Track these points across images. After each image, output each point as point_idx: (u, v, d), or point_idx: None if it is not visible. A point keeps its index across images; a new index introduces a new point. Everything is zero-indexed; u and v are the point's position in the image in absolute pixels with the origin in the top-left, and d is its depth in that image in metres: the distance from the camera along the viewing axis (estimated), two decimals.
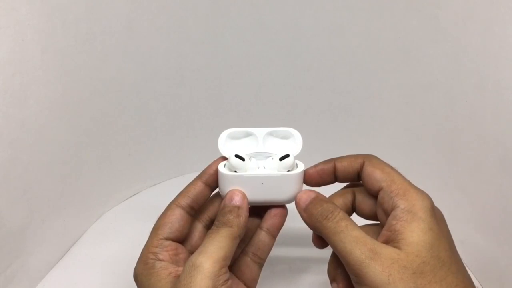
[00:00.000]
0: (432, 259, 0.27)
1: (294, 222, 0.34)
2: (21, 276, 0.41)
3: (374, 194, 0.32)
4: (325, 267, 0.41)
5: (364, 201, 0.33)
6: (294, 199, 0.33)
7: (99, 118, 0.47)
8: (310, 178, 0.34)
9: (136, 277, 0.31)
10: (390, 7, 0.47)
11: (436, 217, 0.29)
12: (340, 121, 0.55)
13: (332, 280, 0.33)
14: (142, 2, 0.46)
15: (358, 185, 0.34)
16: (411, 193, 0.30)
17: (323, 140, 0.52)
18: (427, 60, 0.46)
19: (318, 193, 0.33)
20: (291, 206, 0.34)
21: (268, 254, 0.35)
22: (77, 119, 0.44)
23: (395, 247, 0.28)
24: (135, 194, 0.56)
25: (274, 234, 0.35)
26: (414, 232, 0.28)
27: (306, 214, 0.32)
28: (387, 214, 0.30)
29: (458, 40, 0.42)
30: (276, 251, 0.36)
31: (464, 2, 0.41)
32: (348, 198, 0.34)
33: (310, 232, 0.33)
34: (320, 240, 0.33)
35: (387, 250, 0.28)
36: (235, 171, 0.33)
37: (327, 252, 0.33)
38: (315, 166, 0.34)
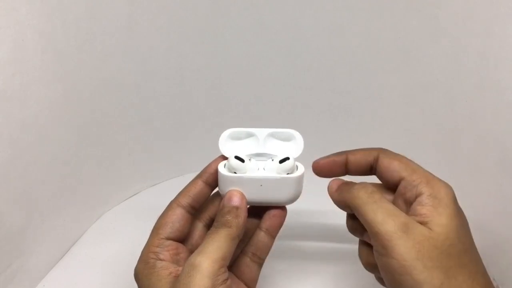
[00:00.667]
0: (459, 243, 0.28)
1: (294, 222, 0.34)
2: (21, 276, 0.41)
3: (392, 187, 0.32)
4: (325, 267, 0.42)
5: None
6: (293, 200, 0.33)
7: (99, 118, 0.47)
8: (320, 169, 0.34)
9: (137, 276, 0.31)
10: (390, 7, 0.47)
11: (458, 206, 0.30)
12: (340, 121, 0.55)
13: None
14: (142, 2, 0.46)
15: (373, 184, 0.34)
16: (435, 181, 0.30)
17: (323, 140, 0.52)
18: (427, 60, 0.46)
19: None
20: (290, 207, 0.34)
21: (267, 254, 0.35)
22: (77, 119, 0.44)
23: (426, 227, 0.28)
24: (135, 194, 0.56)
25: (273, 234, 0.35)
26: (442, 215, 0.28)
27: (338, 193, 0.33)
28: (409, 203, 0.30)
29: (458, 40, 0.42)
30: (276, 251, 0.36)
31: (464, 2, 0.41)
32: None
33: (310, 231, 0.33)
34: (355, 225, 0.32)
35: (419, 227, 0.28)
36: (235, 172, 0.33)
37: (328, 251, 0.33)
38: (327, 157, 0.34)
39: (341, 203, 0.33)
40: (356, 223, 0.32)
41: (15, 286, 0.40)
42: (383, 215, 0.28)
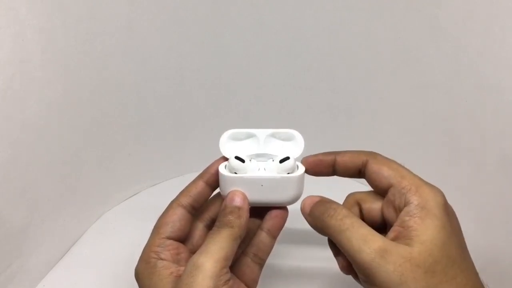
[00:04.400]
0: (444, 258, 0.27)
1: (295, 223, 0.34)
2: (21, 276, 0.41)
3: (381, 192, 0.31)
4: (325, 267, 0.41)
5: (371, 209, 0.32)
6: (294, 200, 0.33)
7: (99, 118, 0.47)
8: (307, 167, 0.34)
9: (138, 276, 0.31)
10: (390, 7, 0.47)
11: (449, 213, 0.29)
12: (340, 121, 0.55)
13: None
14: (142, 2, 0.46)
15: (359, 196, 0.33)
16: (424, 189, 0.29)
17: (323, 140, 0.52)
18: (427, 60, 0.46)
19: (322, 197, 0.32)
20: (292, 207, 0.34)
21: (268, 255, 0.35)
22: (77, 119, 0.44)
23: (406, 244, 0.27)
24: (135, 194, 0.56)
25: (274, 235, 0.34)
26: (428, 229, 0.27)
27: (311, 218, 0.32)
28: (398, 211, 0.29)
29: (458, 40, 0.42)
30: (277, 251, 0.36)
31: (464, 2, 0.41)
32: (355, 210, 0.33)
33: (311, 232, 0.33)
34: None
35: (398, 248, 0.27)
36: (235, 173, 0.33)
37: (328, 252, 0.33)
38: (315, 155, 0.34)
39: (316, 230, 0.32)
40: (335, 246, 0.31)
41: (15, 286, 0.40)
42: (358, 243, 0.28)
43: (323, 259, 0.44)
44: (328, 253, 0.33)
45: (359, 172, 0.33)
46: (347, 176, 0.34)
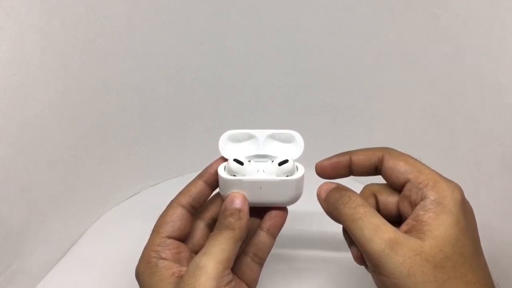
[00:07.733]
0: (455, 254, 0.27)
1: (295, 223, 0.34)
2: (21, 276, 0.41)
3: (398, 188, 0.31)
4: (324, 267, 0.42)
5: (387, 202, 0.32)
6: (294, 201, 0.33)
7: (99, 118, 0.47)
8: (323, 171, 0.33)
9: (138, 275, 0.31)
10: (390, 7, 0.47)
11: (466, 209, 0.29)
12: (340, 121, 0.55)
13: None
14: (142, 2, 0.46)
15: (376, 188, 0.33)
16: (441, 183, 0.29)
17: (323, 140, 0.52)
18: (427, 60, 0.46)
19: (338, 184, 0.32)
20: (291, 207, 0.34)
21: (268, 254, 0.35)
22: (77, 119, 0.44)
23: (418, 238, 0.27)
24: (135, 194, 0.56)
25: (274, 234, 0.34)
26: (442, 225, 0.27)
27: (325, 204, 0.32)
28: (413, 206, 0.29)
29: (458, 40, 0.42)
30: (276, 251, 0.36)
31: (464, 2, 0.41)
32: (371, 201, 0.33)
33: (311, 232, 0.33)
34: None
35: (409, 241, 0.27)
36: (234, 175, 0.33)
37: (328, 252, 0.33)
38: (329, 158, 0.33)
39: (330, 216, 0.32)
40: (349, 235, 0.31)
41: (15, 286, 0.40)
42: (369, 232, 0.28)
43: (323, 258, 0.44)
44: (328, 253, 0.33)
45: (375, 170, 0.32)
46: (363, 175, 0.33)
